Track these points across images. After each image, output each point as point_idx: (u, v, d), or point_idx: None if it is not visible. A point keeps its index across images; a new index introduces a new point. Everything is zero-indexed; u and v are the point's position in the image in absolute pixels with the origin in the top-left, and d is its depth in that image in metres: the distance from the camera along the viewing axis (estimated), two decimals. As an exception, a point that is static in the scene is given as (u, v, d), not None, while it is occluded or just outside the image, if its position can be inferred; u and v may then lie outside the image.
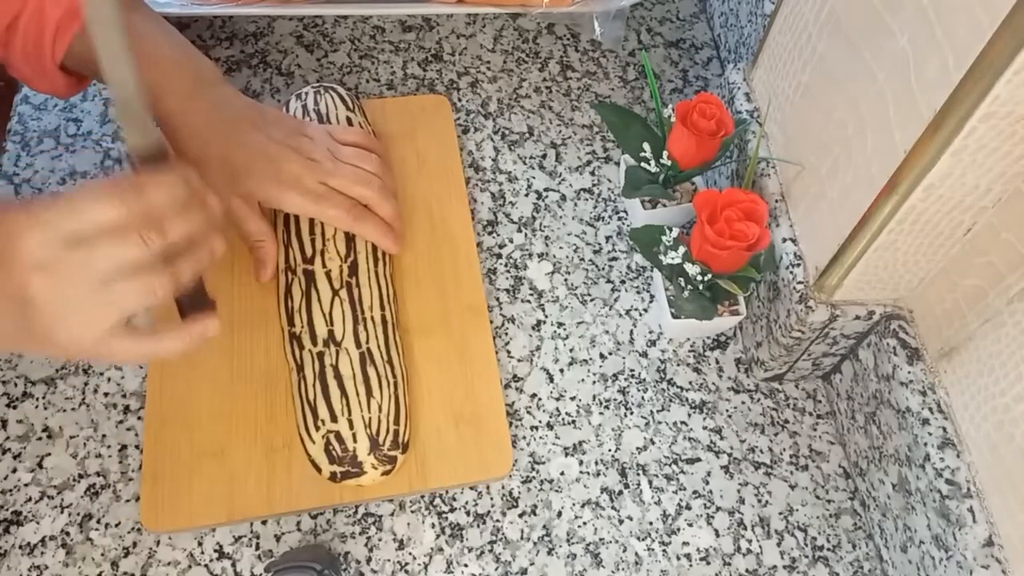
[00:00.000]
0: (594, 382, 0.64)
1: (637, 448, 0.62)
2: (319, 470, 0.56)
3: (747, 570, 0.58)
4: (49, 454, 0.58)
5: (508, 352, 0.65)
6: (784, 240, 0.58)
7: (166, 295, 0.42)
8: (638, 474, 0.61)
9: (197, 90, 0.56)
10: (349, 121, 0.67)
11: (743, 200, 0.57)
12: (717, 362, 0.66)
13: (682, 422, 0.63)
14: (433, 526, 0.58)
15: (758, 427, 0.63)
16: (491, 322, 0.65)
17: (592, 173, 0.73)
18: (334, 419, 0.55)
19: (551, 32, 0.81)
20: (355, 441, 0.55)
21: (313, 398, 0.56)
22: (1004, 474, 0.48)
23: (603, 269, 0.69)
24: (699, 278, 0.59)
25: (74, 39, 0.53)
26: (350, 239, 0.61)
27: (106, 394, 0.61)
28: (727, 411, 0.64)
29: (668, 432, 0.62)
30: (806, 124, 0.56)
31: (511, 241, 0.69)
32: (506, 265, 0.68)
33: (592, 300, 0.67)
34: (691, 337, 0.66)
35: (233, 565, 0.56)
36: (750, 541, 0.59)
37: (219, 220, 0.45)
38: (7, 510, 0.57)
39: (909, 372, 0.54)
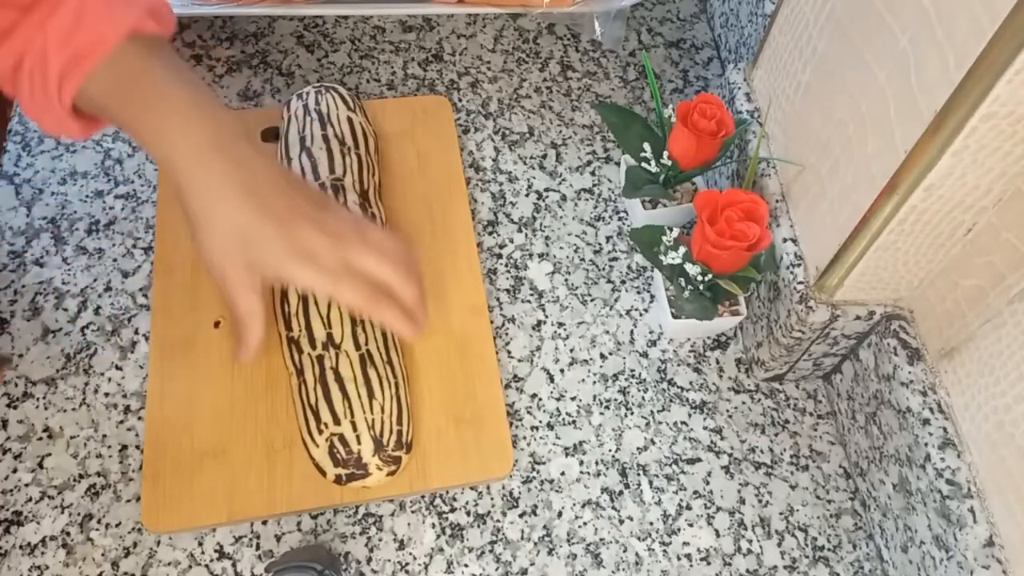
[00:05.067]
0: (594, 382, 0.64)
1: (637, 448, 0.62)
2: (323, 474, 0.56)
3: (747, 570, 0.58)
4: (49, 454, 0.58)
5: (508, 352, 0.65)
6: (784, 240, 0.58)
7: None
8: (638, 474, 0.61)
9: (215, 145, 0.50)
10: (350, 121, 0.66)
11: (743, 200, 0.57)
12: (717, 362, 0.66)
13: (682, 422, 0.63)
14: (433, 526, 0.58)
15: (758, 427, 0.63)
16: (491, 322, 0.65)
17: (592, 173, 0.73)
18: (337, 422, 0.55)
19: (551, 32, 0.81)
20: (359, 443, 0.55)
21: (315, 402, 0.56)
22: (1005, 474, 0.48)
23: (603, 269, 0.69)
24: (699, 278, 0.59)
25: (84, 83, 0.48)
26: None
27: (106, 394, 0.61)
28: (727, 411, 0.64)
29: (668, 432, 0.62)
30: (806, 124, 0.56)
31: (511, 241, 0.69)
32: (506, 265, 0.68)
33: (592, 300, 0.67)
34: (691, 337, 0.66)
35: (233, 565, 0.56)
36: (750, 541, 0.59)
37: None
38: (7, 510, 0.57)
39: (910, 372, 0.54)
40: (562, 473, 0.60)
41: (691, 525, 0.59)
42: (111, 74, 0.49)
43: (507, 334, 0.65)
